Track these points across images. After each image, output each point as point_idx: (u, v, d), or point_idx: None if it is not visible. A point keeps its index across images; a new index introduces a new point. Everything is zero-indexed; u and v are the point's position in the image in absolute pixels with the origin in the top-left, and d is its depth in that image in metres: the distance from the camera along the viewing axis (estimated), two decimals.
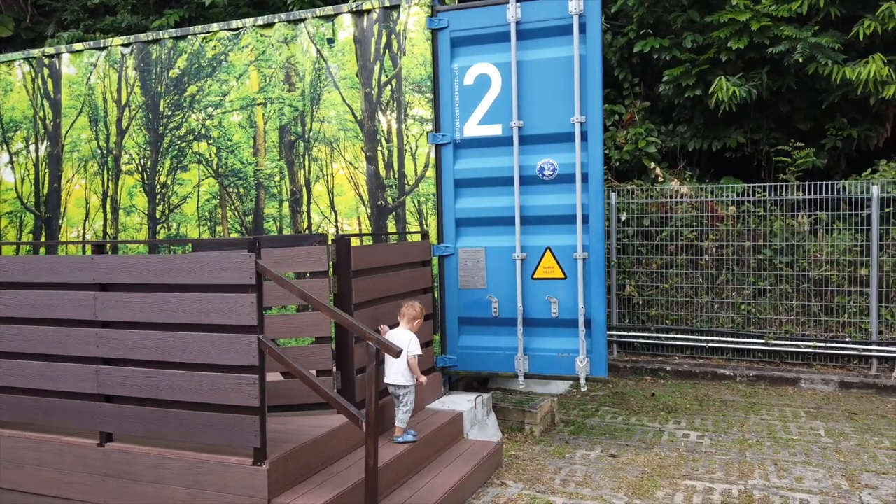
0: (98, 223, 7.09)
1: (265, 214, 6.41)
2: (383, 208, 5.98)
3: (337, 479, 3.91)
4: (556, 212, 5.52)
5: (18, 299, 4.16)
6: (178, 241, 6.17)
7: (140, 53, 6.84)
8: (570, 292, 5.50)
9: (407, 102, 5.85)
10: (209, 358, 3.67)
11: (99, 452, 3.98)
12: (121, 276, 3.88)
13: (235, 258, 3.59)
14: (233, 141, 6.50)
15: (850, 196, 8.31)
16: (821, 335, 8.55)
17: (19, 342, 4.17)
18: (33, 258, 4.15)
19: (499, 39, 5.59)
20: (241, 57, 6.42)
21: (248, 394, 3.58)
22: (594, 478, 4.99)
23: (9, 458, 4.24)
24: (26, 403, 4.18)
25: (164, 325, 3.79)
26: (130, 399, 3.90)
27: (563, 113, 5.45)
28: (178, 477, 3.77)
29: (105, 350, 3.93)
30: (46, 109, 7.32)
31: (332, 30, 6.09)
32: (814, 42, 8.08)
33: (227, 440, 3.65)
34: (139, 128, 6.88)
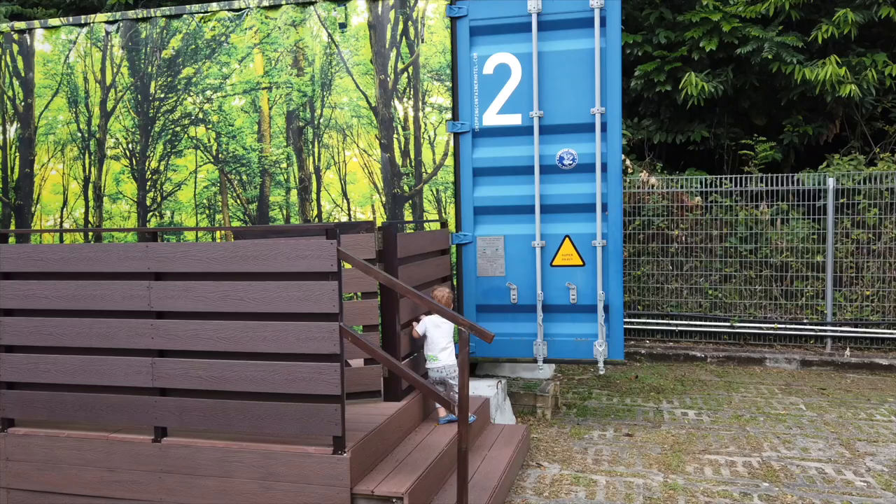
0: (78, 211, 6.69)
1: (271, 202, 6.24)
2: (399, 196, 5.96)
3: (405, 465, 3.92)
4: (574, 200, 5.67)
5: (56, 290, 3.91)
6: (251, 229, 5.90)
7: (128, 32, 6.49)
8: (589, 279, 5.67)
9: (425, 90, 5.84)
10: (285, 347, 3.58)
11: (154, 448, 3.81)
12: (181, 265, 3.72)
13: (316, 245, 3.52)
14: (234, 126, 6.28)
15: (807, 188, 8.93)
16: (781, 317, 9.16)
17: (57, 336, 3.92)
18: (74, 246, 3.90)
19: (519, 30, 5.67)
20: (245, 39, 6.21)
21: (329, 382, 3.53)
22: (622, 456, 5.19)
23: (44, 459, 3.98)
24: (65, 400, 3.94)
25: (232, 315, 3.67)
26: (190, 392, 3.76)
27: (583, 104, 5.60)
28: (247, 469, 3.67)
29: (161, 342, 3.77)
30: (16, 88, 6.82)
31: (345, 14, 5.98)
32: (779, 41, 8.61)
33: (304, 430, 3.59)
34: (126, 110, 6.53)
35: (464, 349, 3.42)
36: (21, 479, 4.02)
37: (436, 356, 4.52)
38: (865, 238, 8.85)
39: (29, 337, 3.97)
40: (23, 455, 4.02)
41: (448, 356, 4.55)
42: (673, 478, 4.71)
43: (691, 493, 4.43)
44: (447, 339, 4.60)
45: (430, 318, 4.73)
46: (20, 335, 3.99)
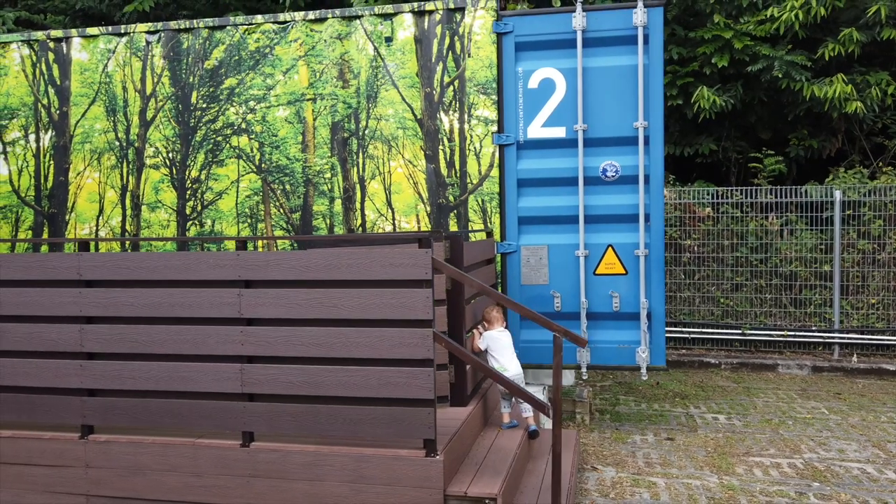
0: (115, 219, 6.69)
1: (314, 211, 6.32)
2: (444, 206, 6.08)
3: (485, 467, 4.03)
4: (617, 211, 5.85)
5: (142, 298, 3.96)
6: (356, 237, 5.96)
7: (169, 42, 6.54)
8: (631, 287, 5.85)
9: (471, 103, 5.99)
10: (378, 352, 3.68)
11: (243, 453, 3.87)
12: (274, 273, 3.80)
13: (411, 254, 3.63)
14: (278, 136, 6.36)
15: (814, 199, 9.26)
16: (790, 325, 9.46)
17: (143, 343, 3.97)
18: (162, 254, 3.95)
19: (563, 46, 5.86)
20: (289, 51, 6.30)
21: (422, 386, 3.63)
22: (670, 459, 5.36)
23: (127, 466, 4.01)
24: (150, 407, 3.98)
25: (324, 322, 3.76)
26: (280, 397, 3.83)
27: (626, 118, 5.80)
28: (338, 473, 3.74)
29: (251, 348, 3.83)
30: (51, 97, 6.81)
31: (391, 28, 6.12)
32: (788, 60, 8.94)
33: (397, 433, 3.68)
34: (167, 120, 6.57)
35: (557, 355, 3.55)
36: (102, 485, 4.04)
37: (505, 368, 4.64)
38: (870, 248, 9.20)
39: (112, 344, 4.01)
40: (104, 462, 4.04)
41: (515, 367, 4.67)
42: (727, 479, 4.89)
43: (750, 493, 4.60)
44: (510, 352, 4.73)
45: (489, 332, 4.84)
46: (103, 342, 4.02)
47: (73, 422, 4.07)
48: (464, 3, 5.94)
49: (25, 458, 4.12)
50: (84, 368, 4.04)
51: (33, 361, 4.09)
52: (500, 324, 4.87)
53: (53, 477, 4.10)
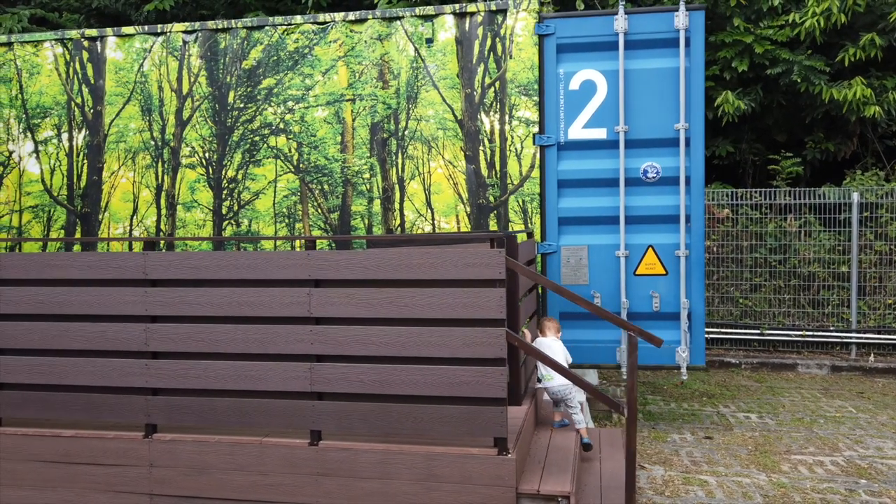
0: (150, 219, 6.68)
1: (352, 212, 6.34)
2: (484, 207, 6.12)
3: (549, 465, 4.07)
4: (657, 212, 5.90)
5: (209, 297, 3.96)
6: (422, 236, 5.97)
7: (206, 42, 6.53)
8: (671, 287, 5.90)
9: (512, 104, 6.03)
10: (451, 352, 3.71)
11: (311, 452, 3.88)
12: (345, 272, 3.82)
13: (485, 254, 3.66)
14: (317, 137, 6.37)
15: (831, 201, 9.37)
16: (808, 325, 9.56)
17: (209, 342, 3.97)
18: (230, 254, 3.96)
19: (605, 48, 5.91)
20: (329, 51, 6.32)
21: (495, 385, 3.66)
22: (714, 457, 5.42)
23: (191, 465, 4.02)
24: (216, 406, 3.99)
25: (396, 321, 3.78)
26: (348, 395, 3.85)
27: (667, 119, 5.86)
28: (408, 471, 3.77)
29: (321, 347, 3.85)
30: (85, 96, 6.79)
31: (432, 30, 6.14)
32: (808, 65, 9.04)
33: (468, 432, 3.71)
34: (203, 120, 6.57)
35: (633, 354, 3.60)
36: (166, 484, 4.04)
37: (552, 376, 4.67)
38: (887, 250, 9.31)
39: (178, 343, 4.02)
40: (168, 461, 4.04)
41: (561, 377, 4.69)
42: (775, 477, 4.95)
43: (802, 491, 4.67)
44: (560, 360, 4.76)
45: (541, 339, 4.87)
46: (168, 342, 4.03)
47: (138, 421, 4.07)
48: (506, 4, 5.97)
49: (88, 458, 4.12)
50: (149, 367, 4.05)
51: (98, 360, 4.09)
52: (554, 332, 4.91)
53: (116, 476, 4.09)
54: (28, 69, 6.90)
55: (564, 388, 4.66)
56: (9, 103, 6.94)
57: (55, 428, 4.23)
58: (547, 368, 4.70)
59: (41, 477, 4.16)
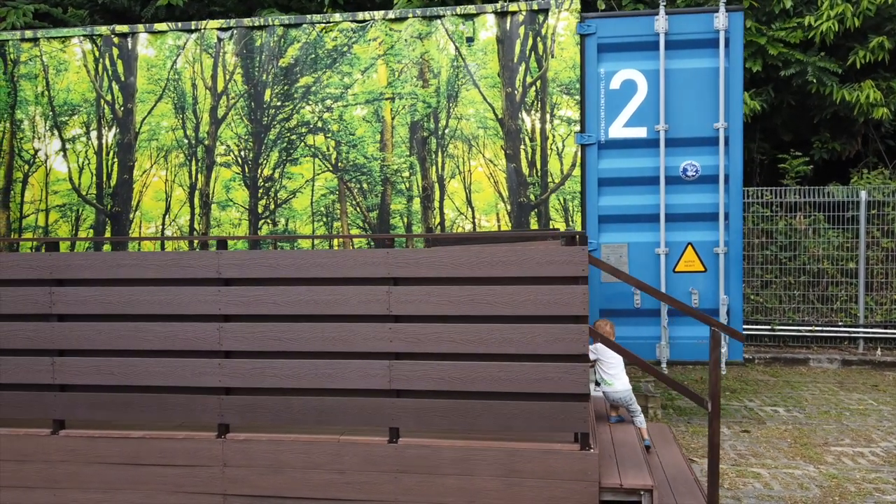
0: (183, 218, 6.62)
1: (391, 210, 6.34)
2: (525, 205, 6.17)
3: (621, 459, 4.13)
4: (696, 210, 6.01)
5: (286, 296, 3.95)
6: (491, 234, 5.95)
7: (242, 39, 6.49)
8: (710, 284, 6.01)
9: (554, 103, 6.08)
10: (532, 348, 3.74)
11: (390, 449, 3.90)
12: (425, 270, 3.83)
13: (567, 251, 3.71)
14: (356, 135, 6.36)
15: (838, 199, 9.60)
16: (817, 320, 9.77)
17: (285, 341, 3.96)
18: (308, 252, 3.95)
19: (645, 48, 5.99)
20: (368, 50, 6.31)
21: (577, 381, 3.71)
22: (758, 450, 5.53)
23: (267, 464, 4.00)
24: (292, 405, 3.98)
25: (473, 318, 3.81)
26: (427, 392, 3.87)
27: (706, 119, 5.96)
28: (490, 467, 3.80)
29: (400, 345, 3.86)
30: (116, 93, 6.71)
31: (473, 29, 6.17)
32: (820, 66, 9.23)
33: (550, 427, 3.75)
34: (239, 118, 6.52)
35: (715, 350, 3.67)
36: (240, 484, 4.03)
37: (611, 381, 4.75)
38: (894, 246, 9.55)
39: (253, 342, 4.00)
40: (242, 460, 4.03)
41: (622, 383, 4.77)
42: (823, 468, 5.07)
43: (853, 481, 4.79)
44: (619, 367, 4.84)
45: (599, 345, 4.92)
46: (242, 340, 4.01)
47: (211, 421, 4.05)
48: (547, 4, 6.03)
49: (158, 459, 4.08)
50: (222, 367, 4.03)
51: (169, 360, 4.06)
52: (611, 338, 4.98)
53: (187, 477, 4.07)
54: (55, 66, 6.78)
55: (625, 393, 4.73)
56: (34, 100, 6.82)
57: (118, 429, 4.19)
58: (608, 373, 4.77)
59: (108, 479, 4.12)
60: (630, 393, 4.75)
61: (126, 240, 6.40)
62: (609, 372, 4.78)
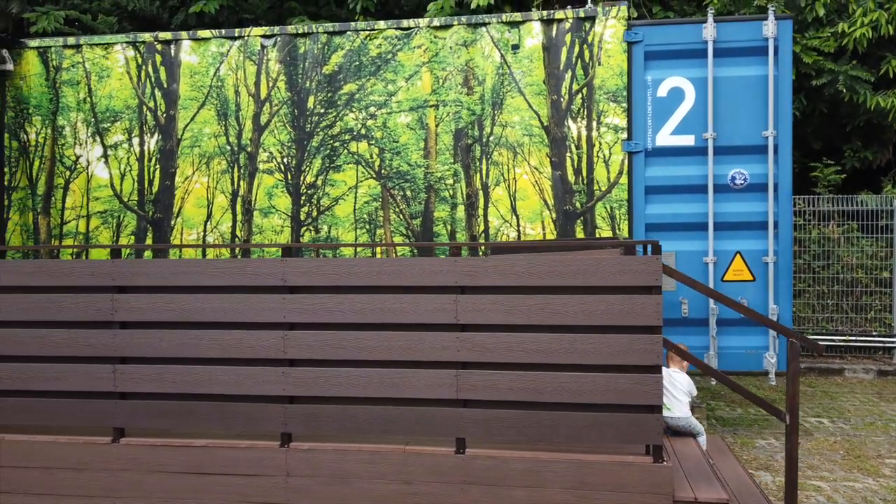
0: (225, 224, 6.61)
1: (435, 217, 6.32)
2: (571, 213, 6.13)
3: (690, 472, 4.07)
4: (745, 218, 5.96)
5: (351, 304, 3.92)
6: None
7: (285, 46, 6.49)
8: (759, 293, 5.95)
9: (600, 111, 6.05)
10: (604, 359, 3.70)
11: (457, 460, 3.85)
12: (492, 279, 3.80)
13: (642, 260, 3.67)
14: (399, 142, 6.35)
15: (872, 208, 9.53)
16: (851, 330, 9.69)
17: (350, 349, 3.93)
18: (374, 260, 3.92)
19: (693, 55, 5.96)
20: (413, 57, 6.30)
21: (651, 393, 3.66)
22: (813, 462, 5.46)
23: (331, 474, 3.96)
24: (357, 414, 3.94)
25: (545, 328, 3.77)
26: (495, 403, 3.82)
27: (755, 127, 5.92)
28: (559, 479, 3.75)
29: (467, 354, 3.83)
30: (158, 100, 6.71)
31: (518, 36, 6.16)
32: (853, 74, 9.19)
33: (622, 439, 3.70)
34: (282, 125, 6.51)
35: (794, 361, 3.62)
36: (303, 494, 3.99)
37: (671, 406, 4.70)
38: None
39: (317, 350, 3.97)
40: (306, 470, 3.99)
41: (681, 409, 4.71)
42: (883, 481, 5.00)
43: None
44: (682, 392, 4.78)
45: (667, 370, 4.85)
46: (307, 349, 3.98)
47: (274, 430, 4.01)
48: (594, 12, 6.01)
49: (221, 468, 4.05)
50: (286, 375, 3.99)
51: (232, 369, 4.03)
52: (678, 364, 4.93)
53: (250, 486, 4.03)
54: (97, 72, 6.80)
55: (686, 421, 4.68)
56: (76, 107, 6.83)
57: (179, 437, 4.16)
58: (670, 399, 4.72)
59: (170, 489, 4.08)
60: (691, 420, 4.70)
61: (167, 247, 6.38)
62: (671, 398, 4.73)
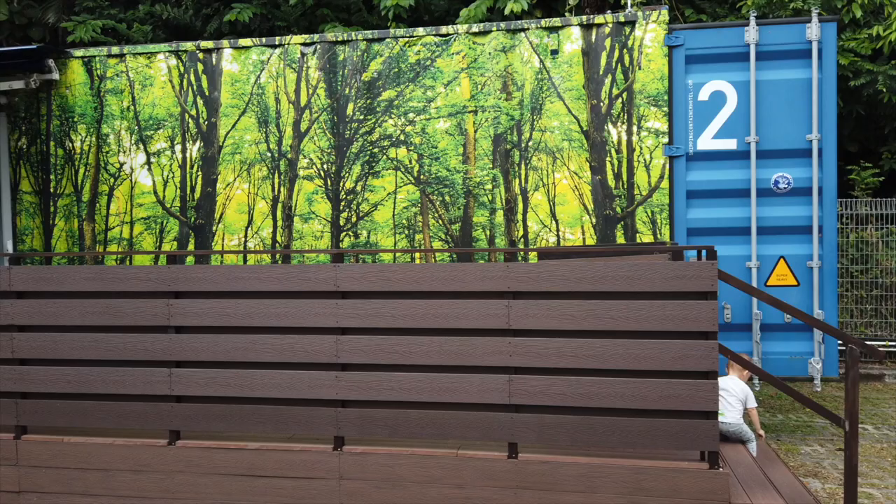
0: (266, 230, 6.69)
1: (474, 223, 6.34)
2: (611, 218, 6.12)
3: (743, 478, 4.04)
4: (789, 223, 5.90)
5: (404, 309, 3.96)
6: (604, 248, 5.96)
7: (325, 54, 6.56)
8: (803, 298, 5.89)
9: (641, 115, 6.04)
10: (658, 364, 3.69)
11: (510, 464, 3.86)
12: (545, 285, 3.81)
13: (696, 266, 3.66)
14: (438, 148, 6.38)
15: None
16: (890, 335, 9.53)
17: (402, 354, 3.96)
18: (426, 266, 3.95)
19: (735, 59, 5.92)
20: (451, 63, 6.34)
21: (706, 399, 3.65)
22: (862, 469, 5.38)
23: (383, 478, 4.00)
24: (409, 418, 3.97)
25: (597, 333, 3.77)
26: (548, 408, 3.83)
27: (799, 130, 5.86)
28: (614, 485, 3.75)
29: (519, 359, 3.84)
30: (200, 107, 6.82)
31: (558, 41, 6.17)
32: (892, 74, 9.06)
33: (677, 445, 3.69)
34: (322, 131, 6.58)
35: (853, 367, 3.58)
36: (356, 497, 4.02)
37: (723, 411, 4.67)
38: None
39: (370, 355, 4.00)
40: (359, 473, 4.02)
41: (733, 415, 4.69)
42: None
43: None
44: (736, 399, 4.76)
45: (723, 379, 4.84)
46: (360, 353, 4.01)
47: (327, 433, 4.05)
48: (634, 16, 6.00)
49: (274, 471, 4.10)
50: (339, 379, 4.04)
51: (286, 372, 4.08)
52: (738, 372, 4.92)
53: (303, 489, 4.07)
54: (140, 81, 6.92)
55: (738, 427, 4.65)
56: (120, 115, 6.96)
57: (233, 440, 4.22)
58: (723, 404, 4.69)
59: (225, 490, 4.14)
60: (742, 427, 4.67)
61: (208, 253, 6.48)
62: (725, 404, 4.70)
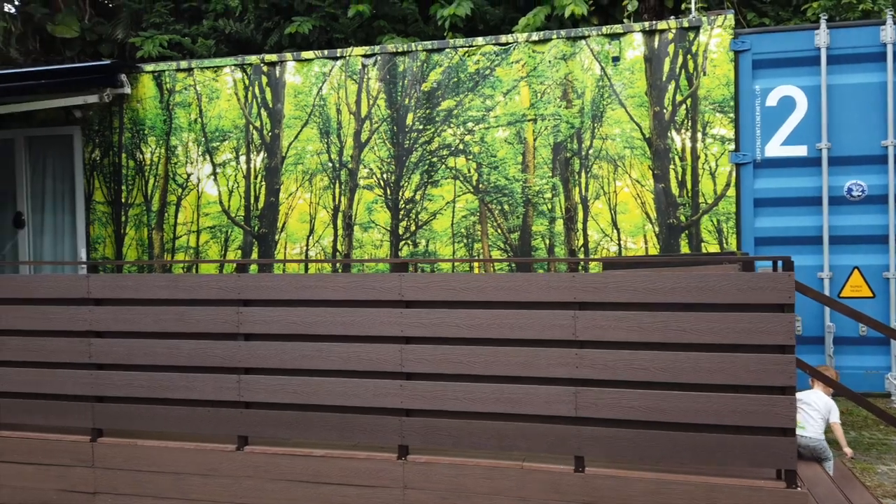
0: (327, 239, 6.79)
1: (533, 231, 6.30)
2: (675, 227, 6.00)
3: (823, 499, 3.89)
4: (863, 232, 5.68)
5: (468, 319, 3.96)
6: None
7: (385, 65, 6.64)
8: (880, 311, 5.65)
9: (706, 121, 5.91)
10: (731, 378, 3.59)
11: (576, 478, 3.81)
12: (612, 295, 3.76)
13: (773, 277, 3.55)
14: (497, 157, 6.38)
15: None
16: None
17: (466, 363, 3.96)
18: (491, 276, 3.96)
19: (804, 63, 5.75)
20: (511, 72, 6.34)
21: (784, 415, 3.53)
22: None
23: (448, 488, 3.99)
24: (473, 429, 3.96)
25: (666, 346, 3.70)
26: (615, 421, 3.77)
27: (872, 136, 5.65)
28: (685, 501, 3.65)
29: (586, 371, 3.79)
30: (264, 119, 6.99)
31: (619, 48, 6.10)
32: None
33: (751, 462, 3.58)
34: (382, 142, 6.66)
35: None
36: None
37: (804, 424, 4.53)
38: None
39: (434, 364, 4.01)
40: (423, 483, 4.03)
41: (814, 429, 4.54)
42: None
43: None
44: (818, 413, 4.63)
45: (805, 393, 4.75)
46: (424, 362, 4.03)
47: (391, 442, 4.08)
48: (699, 21, 5.89)
49: (339, 478, 4.14)
50: (403, 388, 4.06)
51: (351, 381, 4.12)
52: (822, 387, 4.78)
53: (368, 497, 4.10)
54: (207, 94, 7.14)
55: (818, 442, 4.50)
56: (188, 127, 7.19)
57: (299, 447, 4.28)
58: (804, 417, 4.55)
59: (291, 496, 4.21)
60: (822, 442, 4.51)
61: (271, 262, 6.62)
62: (806, 419, 4.56)
